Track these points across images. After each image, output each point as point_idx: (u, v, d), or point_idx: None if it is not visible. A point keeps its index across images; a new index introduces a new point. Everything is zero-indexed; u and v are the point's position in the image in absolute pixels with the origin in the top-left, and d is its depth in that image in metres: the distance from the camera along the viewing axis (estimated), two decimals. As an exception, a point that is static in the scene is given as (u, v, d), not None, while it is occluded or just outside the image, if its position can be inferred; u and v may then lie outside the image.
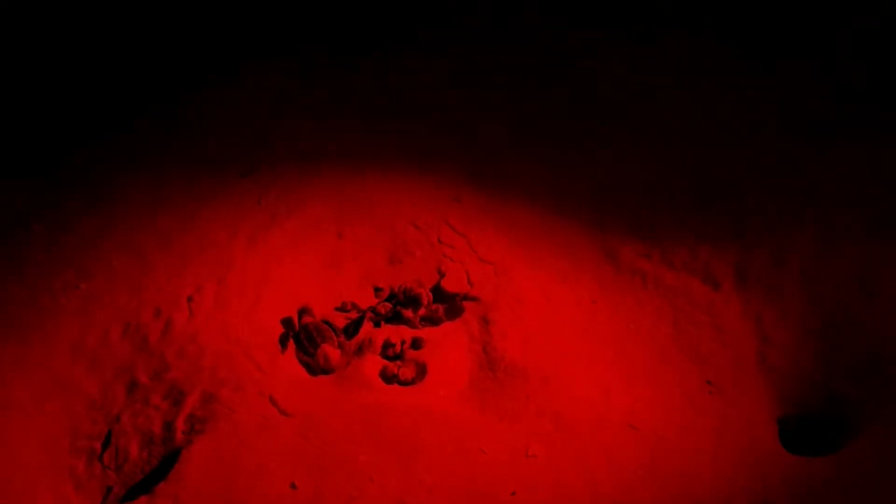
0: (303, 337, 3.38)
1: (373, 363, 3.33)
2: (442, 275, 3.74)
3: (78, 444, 3.10)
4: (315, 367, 3.33)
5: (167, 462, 2.94)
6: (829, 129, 4.47)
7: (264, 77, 5.43)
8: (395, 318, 3.57)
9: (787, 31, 5.41)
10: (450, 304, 3.64)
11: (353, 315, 3.58)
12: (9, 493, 2.93)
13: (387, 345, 3.40)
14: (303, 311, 3.50)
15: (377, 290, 3.77)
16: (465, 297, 3.62)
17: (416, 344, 3.42)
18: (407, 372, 3.29)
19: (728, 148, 4.44)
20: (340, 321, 3.52)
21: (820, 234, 3.76)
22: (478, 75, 5.32)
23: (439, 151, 4.54)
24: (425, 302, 3.59)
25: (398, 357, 3.39)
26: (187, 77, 5.44)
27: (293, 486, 2.80)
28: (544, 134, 4.71)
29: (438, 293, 3.69)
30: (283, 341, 3.41)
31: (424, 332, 3.49)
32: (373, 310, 3.59)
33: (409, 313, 3.56)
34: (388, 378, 3.28)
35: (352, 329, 3.47)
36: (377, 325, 3.54)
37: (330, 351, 3.33)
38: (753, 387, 3.31)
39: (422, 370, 3.30)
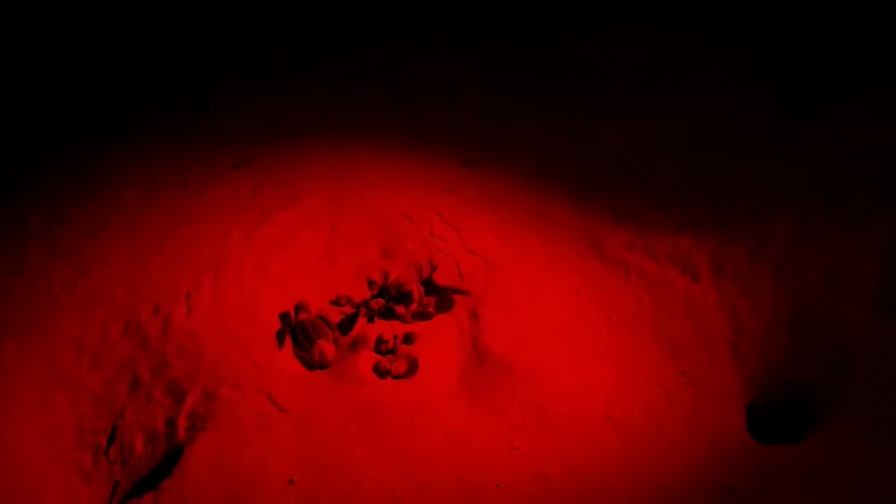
0: (299, 333, 3.47)
1: (366, 358, 3.44)
2: (434, 268, 3.80)
3: (84, 440, 3.17)
4: (311, 363, 3.43)
5: (171, 458, 3.04)
6: (823, 110, 4.35)
7: (260, 66, 5.40)
8: (387, 313, 3.66)
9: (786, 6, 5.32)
10: (441, 297, 3.72)
11: (348, 309, 3.67)
12: (18, 485, 3.02)
13: (380, 340, 3.50)
14: (299, 307, 3.58)
15: (371, 282, 3.82)
16: (456, 291, 3.70)
17: (408, 339, 3.51)
18: (399, 367, 3.40)
19: (716, 131, 4.39)
20: (335, 315, 3.61)
21: (795, 225, 3.76)
22: (472, 60, 5.32)
23: (432, 137, 4.54)
24: (416, 298, 3.67)
25: (391, 352, 3.48)
26: (184, 68, 5.40)
27: (292, 482, 2.90)
28: (536, 113, 4.72)
29: (430, 286, 3.76)
30: (280, 337, 3.50)
31: (416, 327, 3.58)
32: (366, 305, 3.68)
33: (400, 309, 3.65)
34: (381, 373, 3.39)
35: (346, 325, 3.56)
36: (371, 320, 3.62)
37: (325, 346, 3.44)
38: (726, 377, 3.38)
39: (413, 365, 3.39)
